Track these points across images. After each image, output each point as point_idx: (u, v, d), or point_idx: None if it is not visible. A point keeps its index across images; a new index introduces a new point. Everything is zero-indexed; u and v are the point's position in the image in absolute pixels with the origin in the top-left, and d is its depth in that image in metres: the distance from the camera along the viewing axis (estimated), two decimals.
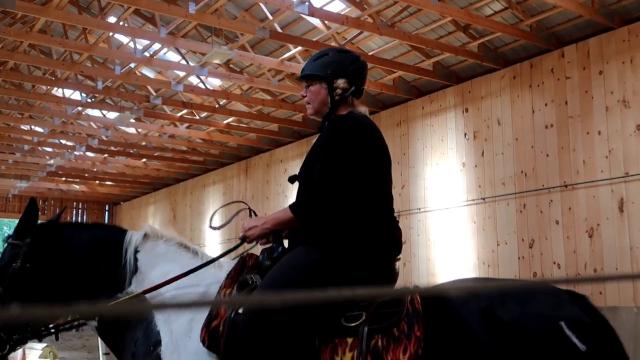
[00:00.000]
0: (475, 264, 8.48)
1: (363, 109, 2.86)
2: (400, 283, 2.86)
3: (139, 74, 10.59)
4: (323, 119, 2.85)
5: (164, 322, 2.77)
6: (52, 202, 19.29)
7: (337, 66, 2.81)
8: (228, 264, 2.94)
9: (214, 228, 2.91)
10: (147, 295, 2.83)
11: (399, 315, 2.37)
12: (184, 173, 15.95)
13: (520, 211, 8.10)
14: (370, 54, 8.89)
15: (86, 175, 16.47)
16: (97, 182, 17.43)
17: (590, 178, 7.36)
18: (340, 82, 2.79)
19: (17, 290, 2.93)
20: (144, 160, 14.93)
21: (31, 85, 11.93)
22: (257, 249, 2.85)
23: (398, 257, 2.71)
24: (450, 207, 8.98)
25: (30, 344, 11.93)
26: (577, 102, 7.63)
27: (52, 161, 14.55)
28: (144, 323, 2.80)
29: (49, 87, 11.50)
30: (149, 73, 11.44)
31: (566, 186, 7.60)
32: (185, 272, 2.79)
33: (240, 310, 2.54)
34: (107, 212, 20.53)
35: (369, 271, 2.58)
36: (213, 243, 14.02)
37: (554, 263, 7.62)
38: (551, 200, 7.76)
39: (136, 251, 2.97)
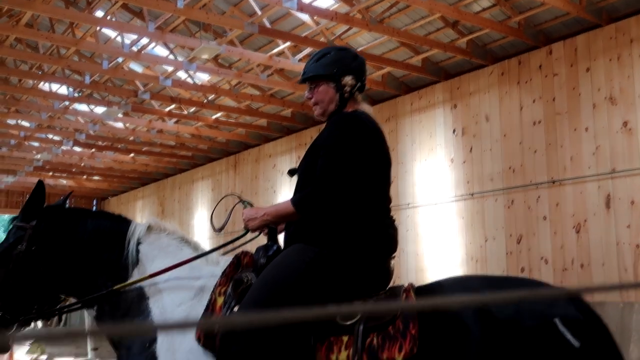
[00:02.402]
0: (464, 259, 8.54)
1: (367, 107, 2.88)
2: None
3: (126, 68, 10.54)
4: (328, 117, 2.86)
5: (160, 318, 2.78)
6: None
7: (342, 64, 2.82)
8: (224, 260, 2.96)
9: (218, 231, 2.92)
10: (145, 284, 2.84)
11: (394, 313, 2.39)
12: (173, 168, 15.90)
13: (508, 207, 8.16)
14: (359, 49, 8.89)
15: (74, 170, 16.36)
16: (85, 177, 17.32)
17: (578, 174, 7.43)
18: (348, 79, 2.81)
19: (22, 272, 2.93)
20: (132, 155, 14.86)
21: (17, 80, 11.82)
22: (253, 245, 2.87)
23: (393, 255, 2.73)
24: (439, 203, 9.03)
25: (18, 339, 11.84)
26: (565, 99, 7.69)
27: (39, 156, 14.44)
28: (141, 317, 2.81)
29: (35, 82, 11.40)
30: (136, 68, 11.38)
31: (554, 182, 7.67)
32: (180, 262, 2.81)
33: (236, 309, 2.56)
34: (95, 207, 20.42)
35: (364, 270, 2.60)
36: (202, 238, 14.00)
37: (542, 258, 7.69)
38: (539, 196, 7.83)
39: (138, 243, 2.98)
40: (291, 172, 2.94)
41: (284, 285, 2.49)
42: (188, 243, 3.06)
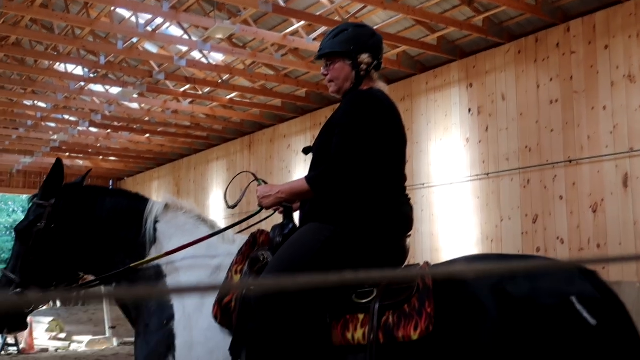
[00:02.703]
0: (479, 239, 8.52)
1: (382, 85, 2.86)
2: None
3: (141, 49, 10.54)
4: (343, 95, 2.84)
5: (177, 296, 2.80)
6: None
7: (359, 41, 2.80)
8: (240, 239, 2.97)
9: (231, 207, 2.93)
10: (162, 262, 2.87)
11: (410, 291, 2.39)
12: (188, 148, 15.94)
13: (524, 187, 8.12)
14: (374, 28, 8.79)
15: (90, 150, 16.47)
16: (101, 157, 17.44)
17: (595, 153, 7.37)
18: (365, 57, 2.78)
19: (42, 249, 2.98)
20: (147, 135, 14.92)
21: (33, 61, 11.87)
22: (269, 224, 2.88)
23: (409, 234, 2.73)
24: (454, 183, 9.00)
25: (37, 318, 12.01)
26: (582, 77, 7.60)
27: (55, 136, 14.54)
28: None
29: (51, 62, 11.45)
30: (151, 48, 11.38)
31: (570, 161, 7.60)
32: (196, 239, 2.83)
33: (253, 287, 2.57)
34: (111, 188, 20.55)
35: (379, 248, 2.60)
36: (218, 218, 14.05)
37: (558, 238, 7.65)
38: (555, 176, 7.77)
39: (156, 221, 3.00)
40: (306, 151, 2.94)
41: (300, 263, 2.49)
42: (205, 221, 3.07)
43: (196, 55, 10.82)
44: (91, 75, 11.42)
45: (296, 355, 2.41)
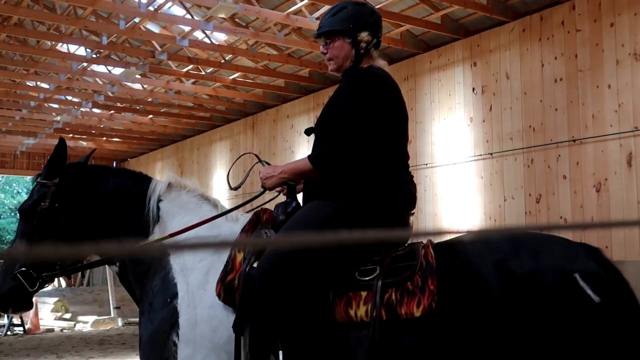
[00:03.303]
0: (483, 219, 8.52)
1: (382, 63, 2.85)
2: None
3: (143, 29, 10.49)
4: (343, 73, 2.83)
5: (180, 274, 2.81)
6: None
7: (358, 19, 2.78)
8: (243, 217, 2.98)
9: (234, 188, 2.93)
10: (166, 240, 2.88)
11: (413, 269, 2.40)
12: (191, 129, 15.92)
13: (528, 166, 8.10)
14: (377, 7, 8.73)
15: (93, 131, 16.46)
16: (104, 138, 17.43)
17: (599, 132, 7.33)
18: (364, 35, 2.77)
19: (46, 228, 2.99)
20: (150, 116, 14.90)
21: (36, 41, 11.83)
22: (272, 203, 2.88)
23: (412, 211, 2.73)
24: (458, 163, 8.98)
25: (42, 298, 12.11)
26: (587, 55, 7.54)
27: (58, 117, 14.53)
28: (162, 272, 2.85)
29: (53, 43, 11.39)
30: (153, 28, 11.32)
31: (574, 141, 7.57)
32: (202, 221, 2.83)
33: (256, 265, 2.58)
34: None
35: (382, 226, 2.60)
36: (221, 199, 14.06)
37: (561, 218, 7.65)
38: (559, 155, 7.75)
39: (159, 200, 3.01)
40: (308, 132, 2.93)
41: None
42: (208, 200, 3.08)
43: (199, 35, 10.76)
44: (94, 56, 11.38)
45: (299, 332, 2.42)
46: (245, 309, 2.55)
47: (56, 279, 21.37)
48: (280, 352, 2.44)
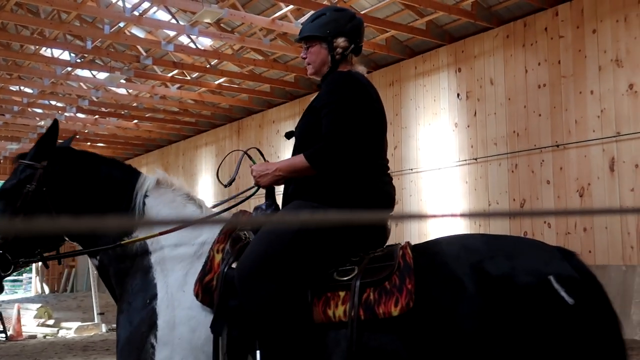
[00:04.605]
0: (467, 223, 8.55)
1: (361, 69, 2.86)
2: (391, 242, 2.88)
3: (128, 33, 10.45)
4: (322, 78, 2.84)
5: (161, 274, 2.79)
6: None
7: (335, 25, 2.80)
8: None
9: (226, 185, 2.91)
10: (146, 242, 2.84)
11: (391, 269, 2.40)
12: (176, 134, 15.88)
13: (512, 171, 8.14)
14: (362, 12, 8.78)
15: (77, 137, 16.36)
16: (89, 143, 17.33)
17: (582, 138, 7.39)
18: (340, 41, 2.79)
19: (30, 211, 2.91)
20: (135, 121, 14.84)
21: (19, 45, 11.75)
22: (251, 205, 2.86)
23: (391, 213, 2.72)
24: (443, 168, 9.01)
25: (25, 304, 11.95)
26: (570, 62, 7.60)
27: (42, 122, 14.44)
28: (143, 272, 2.82)
29: (37, 47, 11.33)
30: (138, 33, 11.29)
31: (558, 146, 7.63)
32: (188, 223, 2.81)
33: (234, 265, 2.57)
34: None
35: (360, 227, 2.60)
36: (207, 202, 14.03)
37: (545, 222, 7.69)
38: (543, 160, 7.79)
39: (146, 196, 2.98)
40: (288, 135, 2.93)
41: (281, 241, 2.49)
42: (193, 200, 3.06)
43: (184, 40, 10.74)
44: (78, 61, 11.33)
45: (277, 332, 2.41)
46: (223, 309, 2.53)
47: (39, 286, 21.12)
48: (258, 352, 2.43)
